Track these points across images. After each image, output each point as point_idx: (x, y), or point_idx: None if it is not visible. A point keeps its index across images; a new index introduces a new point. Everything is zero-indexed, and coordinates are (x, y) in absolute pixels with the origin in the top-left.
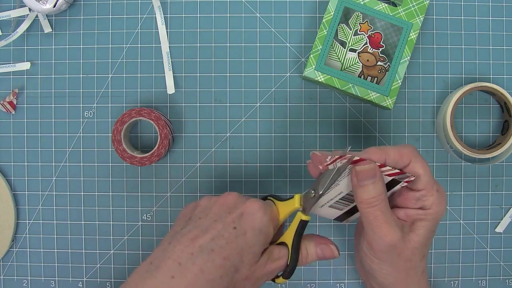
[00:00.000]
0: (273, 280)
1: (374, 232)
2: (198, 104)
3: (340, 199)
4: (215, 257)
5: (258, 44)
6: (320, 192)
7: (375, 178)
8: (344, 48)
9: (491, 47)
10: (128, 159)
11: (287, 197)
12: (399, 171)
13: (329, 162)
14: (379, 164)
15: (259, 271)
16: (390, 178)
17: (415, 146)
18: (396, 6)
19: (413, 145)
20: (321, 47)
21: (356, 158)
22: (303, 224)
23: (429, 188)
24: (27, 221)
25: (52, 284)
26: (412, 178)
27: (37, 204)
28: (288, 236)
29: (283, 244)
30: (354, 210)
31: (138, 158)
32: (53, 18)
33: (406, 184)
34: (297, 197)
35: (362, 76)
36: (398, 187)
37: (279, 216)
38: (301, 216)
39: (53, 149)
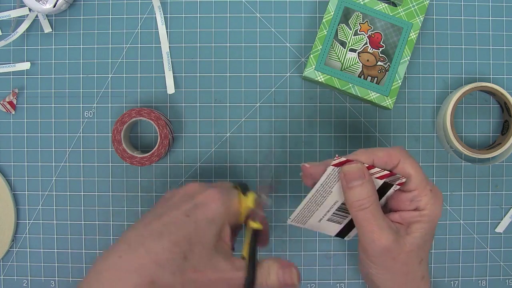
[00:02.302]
0: None
1: (366, 235)
2: (198, 104)
3: (336, 210)
4: (163, 240)
5: (258, 44)
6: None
7: (364, 179)
8: (344, 48)
9: (491, 47)
10: (128, 159)
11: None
12: (389, 172)
13: (319, 165)
14: (367, 165)
15: (214, 274)
16: (381, 182)
17: (417, 146)
18: (396, 6)
19: (402, 146)
20: (321, 47)
21: (343, 159)
22: (255, 233)
23: (421, 188)
24: (27, 221)
25: (52, 284)
26: (404, 180)
27: (37, 204)
28: (245, 248)
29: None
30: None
31: (138, 158)
32: (53, 18)
33: (399, 187)
34: (251, 196)
35: (362, 76)
36: (391, 191)
37: (241, 210)
38: (251, 225)
39: (53, 149)
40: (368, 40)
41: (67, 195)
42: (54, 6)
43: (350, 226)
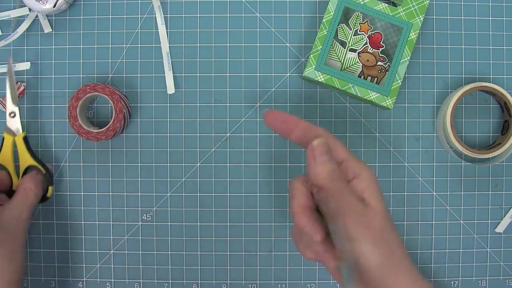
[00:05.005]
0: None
1: (343, 204)
2: (198, 104)
3: None
4: None
5: (258, 44)
6: None
7: (330, 154)
8: (344, 48)
9: (491, 47)
10: (84, 135)
11: None
12: None
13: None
14: None
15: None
16: None
17: (417, 146)
18: (396, 6)
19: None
20: (321, 47)
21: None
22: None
23: (347, 157)
24: None
25: (52, 284)
26: None
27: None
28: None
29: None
30: None
31: (94, 133)
32: (53, 18)
33: None
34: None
35: (362, 76)
36: None
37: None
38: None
39: (53, 149)
40: (368, 40)
41: (67, 195)
42: (54, 6)
43: None
